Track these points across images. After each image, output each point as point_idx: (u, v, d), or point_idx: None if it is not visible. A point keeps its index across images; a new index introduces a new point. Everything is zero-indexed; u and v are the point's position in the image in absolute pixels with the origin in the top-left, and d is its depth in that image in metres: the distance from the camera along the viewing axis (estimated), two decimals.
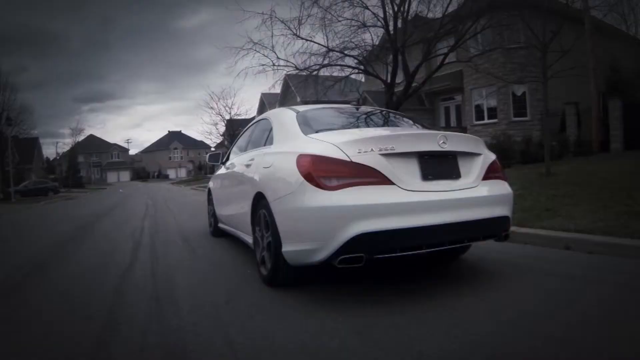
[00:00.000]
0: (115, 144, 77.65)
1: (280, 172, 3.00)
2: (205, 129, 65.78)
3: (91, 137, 74.18)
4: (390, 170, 2.64)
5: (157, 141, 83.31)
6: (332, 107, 4.13)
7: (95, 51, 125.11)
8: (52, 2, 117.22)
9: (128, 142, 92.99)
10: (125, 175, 74.51)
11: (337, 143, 2.72)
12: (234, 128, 34.05)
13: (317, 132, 3.15)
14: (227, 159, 5.12)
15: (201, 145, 75.53)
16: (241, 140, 4.89)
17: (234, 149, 5.05)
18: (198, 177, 47.34)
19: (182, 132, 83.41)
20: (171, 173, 75.00)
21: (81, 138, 61.94)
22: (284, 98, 36.23)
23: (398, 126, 3.85)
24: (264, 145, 3.78)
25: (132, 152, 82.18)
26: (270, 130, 3.75)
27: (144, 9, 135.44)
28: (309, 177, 2.63)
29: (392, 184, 2.63)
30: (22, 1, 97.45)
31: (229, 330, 2.32)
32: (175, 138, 79.95)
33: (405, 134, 3.15)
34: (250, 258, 3.77)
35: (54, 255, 5.10)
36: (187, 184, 36.52)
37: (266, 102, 39.99)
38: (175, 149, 78.46)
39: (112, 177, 72.88)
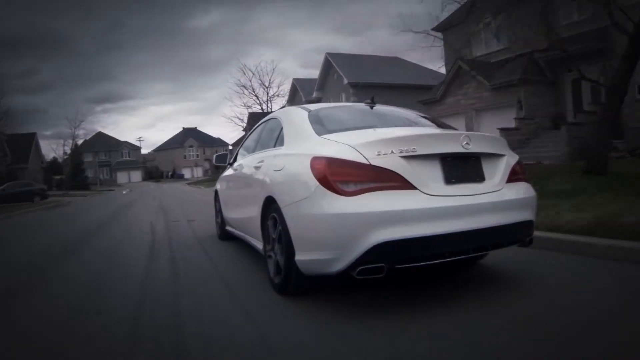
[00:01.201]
0: (125, 142, 71.16)
1: (293, 176, 2.86)
2: (234, 114, 60.37)
3: (100, 135, 68.51)
4: (412, 174, 2.51)
5: (171, 139, 77.69)
6: (344, 106, 3.96)
7: (106, 52, 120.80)
8: (61, 3, 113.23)
9: (140, 140, 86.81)
10: (136, 175, 68.64)
11: (354, 144, 2.58)
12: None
13: (331, 132, 2.97)
14: (235, 160, 4.94)
15: (218, 143, 70.27)
16: (249, 141, 4.67)
17: (241, 150, 4.86)
18: (215, 177, 41.87)
19: (198, 128, 78.24)
20: (186, 172, 69.41)
21: (89, 136, 57.04)
22: (324, 82, 30.02)
23: (417, 125, 3.45)
24: (274, 146, 3.59)
25: (144, 151, 76.52)
26: (281, 130, 3.55)
27: (153, 9, 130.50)
28: (325, 181, 2.50)
29: (414, 188, 2.49)
30: (31, 3, 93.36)
31: None
32: (190, 135, 74.28)
33: (426, 134, 2.99)
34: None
35: None
36: (207, 185, 30.76)
37: (299, 88, 33.85)
38: (191, 146, 72.78)
39: (122, 177, 66.98)
